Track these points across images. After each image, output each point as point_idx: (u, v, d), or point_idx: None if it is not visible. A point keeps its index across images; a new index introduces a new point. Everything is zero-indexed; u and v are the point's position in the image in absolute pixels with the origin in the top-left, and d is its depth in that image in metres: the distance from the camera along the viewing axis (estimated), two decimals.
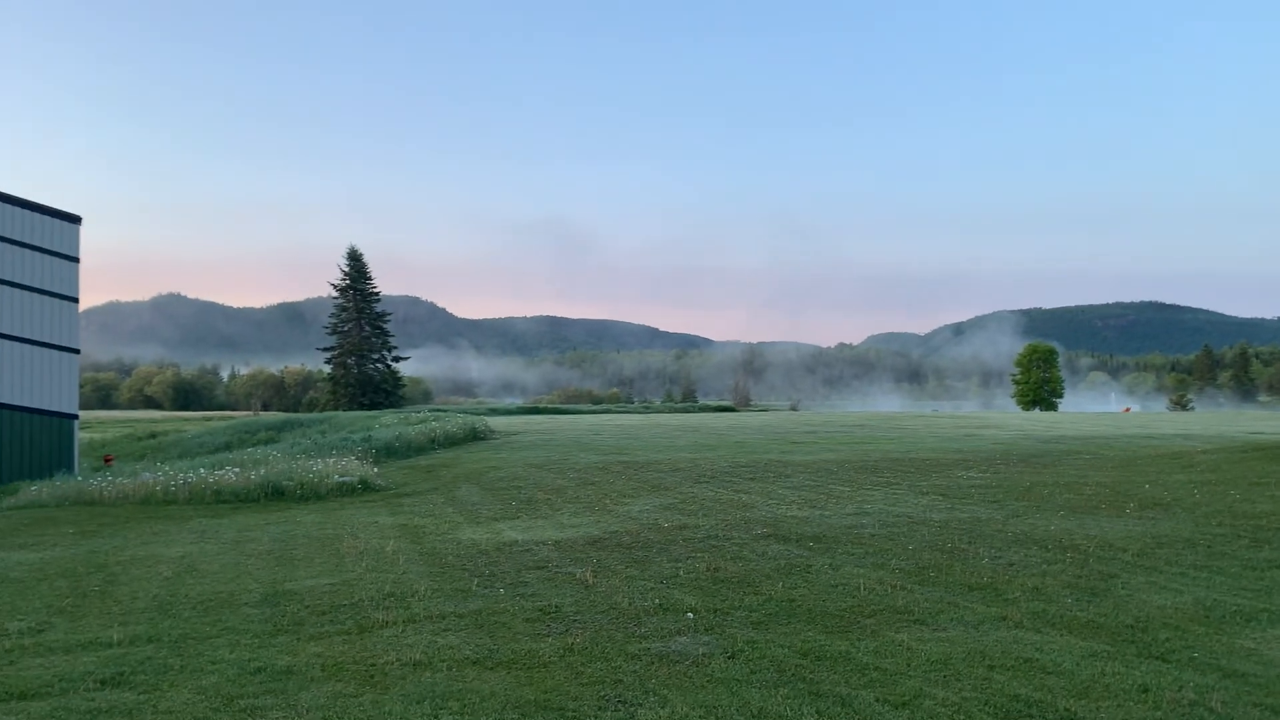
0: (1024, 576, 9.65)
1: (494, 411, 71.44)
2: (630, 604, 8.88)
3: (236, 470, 21.71)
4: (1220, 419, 53.93)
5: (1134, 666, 6.58)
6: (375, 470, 23.18)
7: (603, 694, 6.28)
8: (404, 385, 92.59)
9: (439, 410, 60.67)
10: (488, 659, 7.20)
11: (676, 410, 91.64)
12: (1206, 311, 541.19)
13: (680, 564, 10.89)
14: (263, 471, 21.31)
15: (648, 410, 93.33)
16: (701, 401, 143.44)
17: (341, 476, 21.27)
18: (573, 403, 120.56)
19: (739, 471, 21.94)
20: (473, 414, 50.64)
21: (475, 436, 33.61)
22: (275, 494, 20.07)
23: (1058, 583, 9.33)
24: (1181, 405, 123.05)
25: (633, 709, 5.99)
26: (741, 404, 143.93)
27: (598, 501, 17.10)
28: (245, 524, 16.15)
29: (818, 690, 6.25)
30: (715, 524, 13.96)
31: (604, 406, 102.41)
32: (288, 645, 7.80)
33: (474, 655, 7.30)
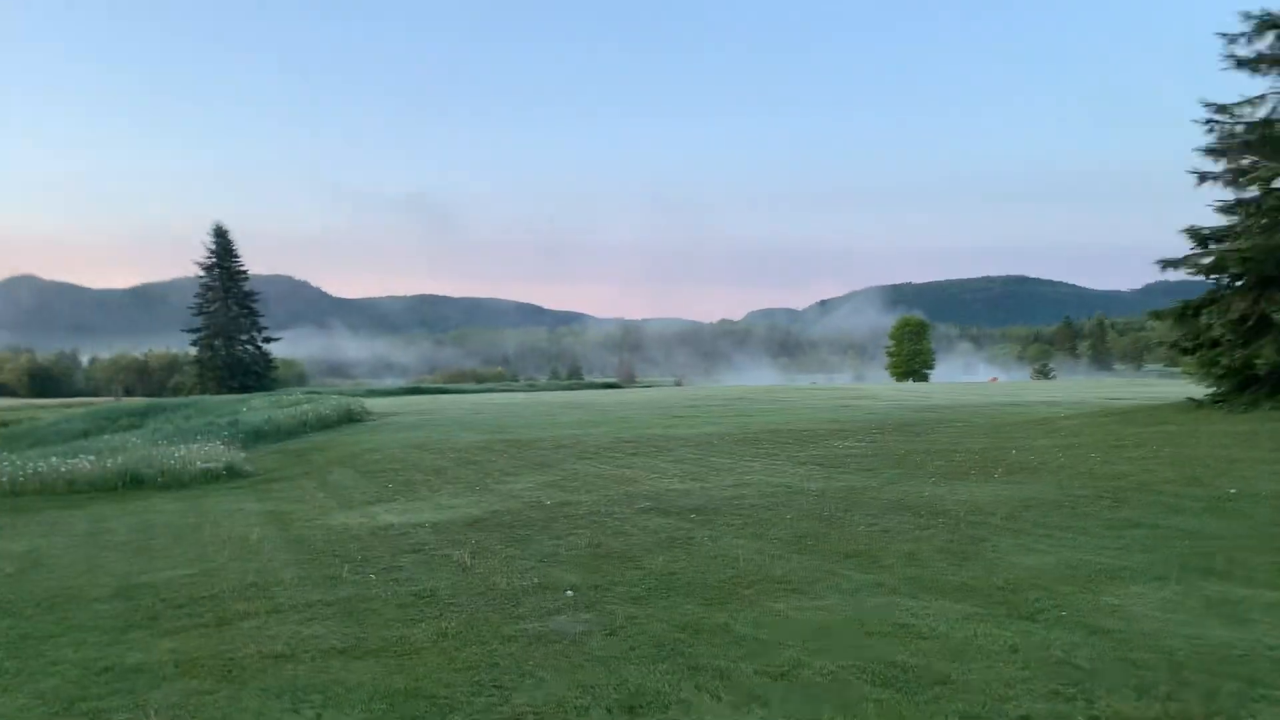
0: (899, 542, 9.81)
1: (372, 393, 69.67)
2: (509, 584, 8.64)
3: (92, 458, 20.47)
4: (1080, 386, 56.66)
5: (1004, 627, 6.70)
6: (243, 455, 22.21)
7: (477, 679, 6.05)
8: (276, 368, 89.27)
9: (314, 393, 58.79)
10: (355, 648, 6.87)
11: (561, 388, 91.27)
12: (1067, 285, 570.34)
13: (561, 541, 10.70)
14: (121, 459, 20.15)
15: (532, 388, 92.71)
16: (587, 379, 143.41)
17: (206, 463, 20.29)
18: (455, 382, 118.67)
19: (622, 446, 21.86)
20: (349, 396, 49.22)
21: (351, 418, 32.57)
22: (134, 482, 18.99)
23: (931, 547, 9.50)
24: (1044, 374, 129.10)
25: (508, 693, 5.78)
26: (626, 380, 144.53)
27: (479, 481, 16.75)
28: (100, 514, 15.23)
29: (696, 664, 6.16)
30: (598, 499, 13.83)
31: (487, 386, 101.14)
32: (140, 641, 7.30)
33: (341, 644, 6.96)
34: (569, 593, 8.14)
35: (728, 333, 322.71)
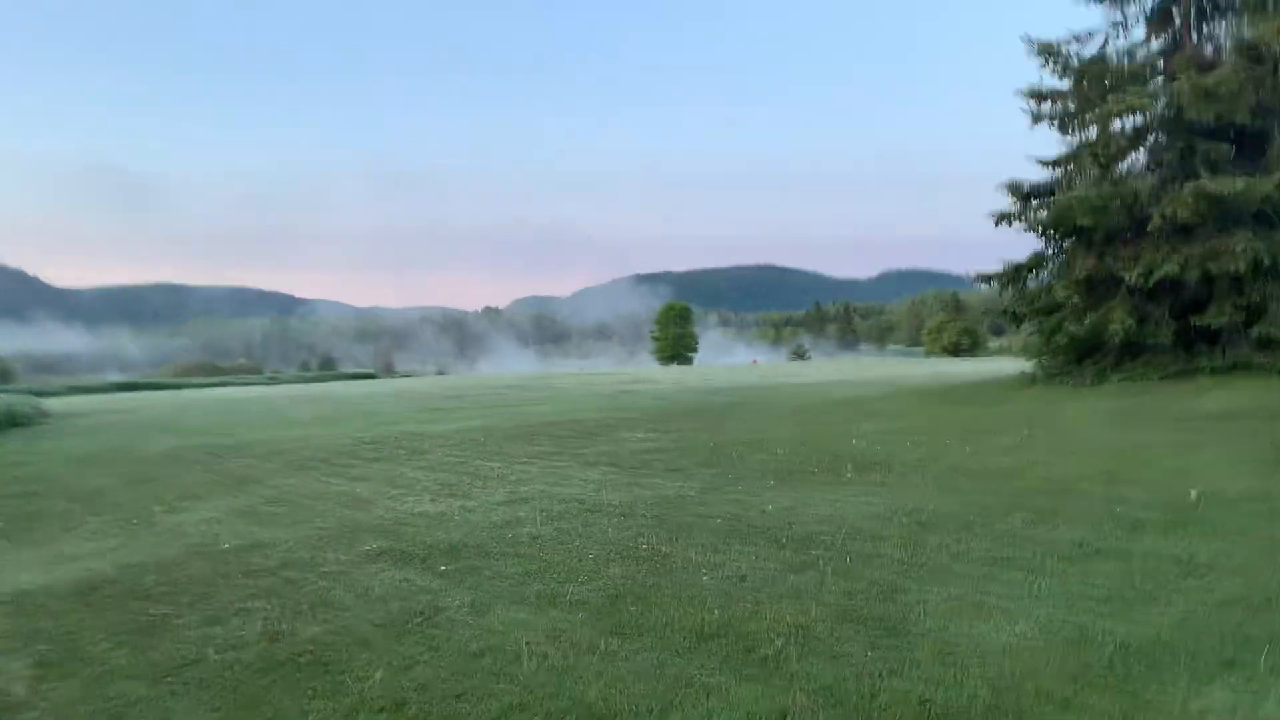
0: (772, 602, 6.18)
1: (77, 389, 60.04)
2: None
3: None
4: (844, 366, 56.69)
5: None
6: None
7: None
8: None
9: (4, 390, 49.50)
10: None
11: (308, 380, 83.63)
12: (813, 273, 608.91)
13: (218, 628, 6.34)
14: None
15: (274, 381, 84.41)
16: (341, 369, 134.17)
17: None
18: (188, 376, 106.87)
19: (360, 450, 17.36)
20: (38, 394, 41.06)
21: (13, 422, 25.72)
22: None
23: (827, 613, 5.93)
24: (801, 355, 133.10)
25: None
26: (384, 370, 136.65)
27: (141, 510, 11.83)
28: None
29: None
30: (304, 537, 9.44)
31: (222, 379, 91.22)
32: None
33: None
34: None
35: (490, 320, 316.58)
